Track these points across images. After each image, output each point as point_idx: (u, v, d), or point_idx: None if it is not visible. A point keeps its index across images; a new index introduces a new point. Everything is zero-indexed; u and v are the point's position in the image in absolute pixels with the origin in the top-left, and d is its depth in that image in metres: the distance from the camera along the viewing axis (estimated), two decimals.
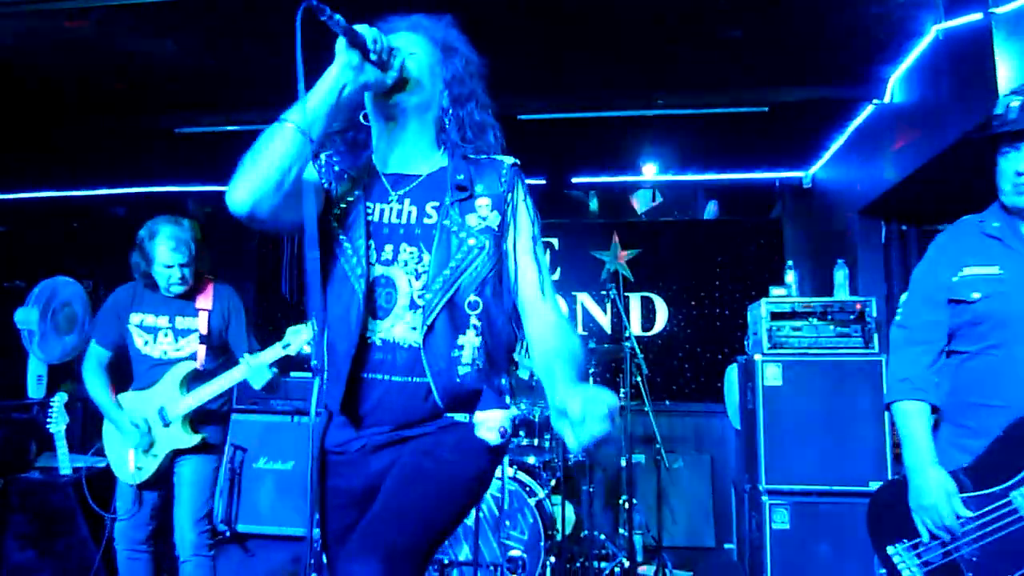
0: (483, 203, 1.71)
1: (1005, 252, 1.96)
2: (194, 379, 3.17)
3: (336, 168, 1.75)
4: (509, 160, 1.79)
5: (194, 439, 3.12)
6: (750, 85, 4.45)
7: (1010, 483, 1.87)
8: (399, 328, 1.64)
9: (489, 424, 1.66)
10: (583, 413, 1.32)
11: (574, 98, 4.63)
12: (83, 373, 3.28)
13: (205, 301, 3.24)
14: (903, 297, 2.23)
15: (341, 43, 1.53)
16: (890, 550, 2.06)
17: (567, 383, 1.48)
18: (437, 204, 1.69)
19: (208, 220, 6.43)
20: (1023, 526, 1.84)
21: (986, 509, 1.90)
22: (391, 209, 1.70)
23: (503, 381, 1.74)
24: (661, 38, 3.87)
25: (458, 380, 1.63)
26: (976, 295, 1.97)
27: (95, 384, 3.24)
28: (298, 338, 3.03)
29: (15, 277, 6.25)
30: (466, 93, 1.75)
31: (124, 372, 3.30)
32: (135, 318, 3.22)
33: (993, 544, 1.88)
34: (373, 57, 1.55)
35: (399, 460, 1.65)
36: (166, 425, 3.13)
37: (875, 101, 4.34)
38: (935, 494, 1.94)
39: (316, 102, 1.54)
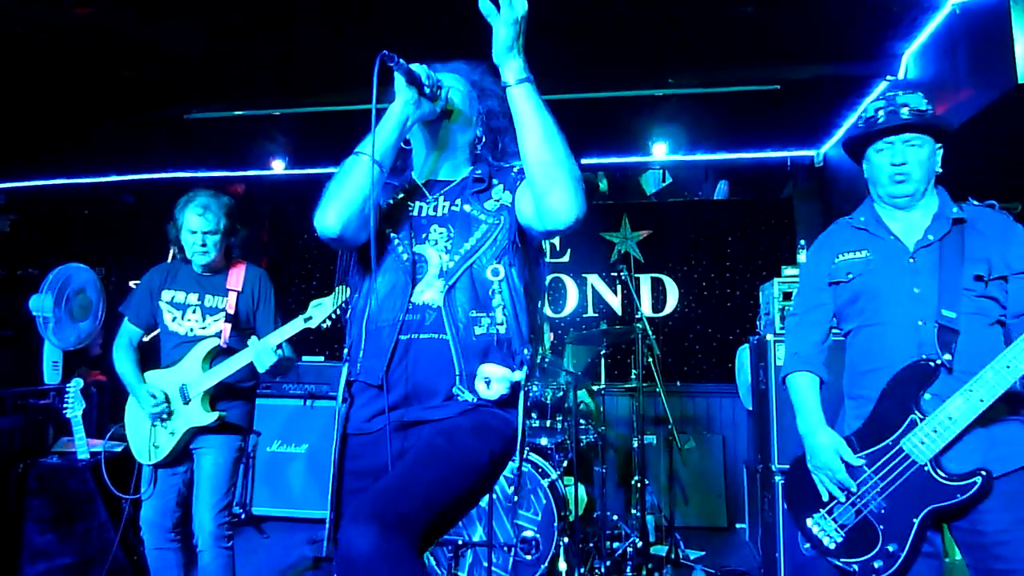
0: (498, 189, 1.93)
1: (870, 239, 2.25)
2: (217, 356, 3.17)
3: (384, 182, 1.96)
4: (519, 164, 1.91)
5: (211, 417, 3.11)
6: (761, 63, 4.40)
7: (898, 433, 2.07)
8: (428, 293, 1.81)
9: (485, 374, 1.76)
10: None
11: (584, 78, 4.59)
12: (113, 350, 3.29)
13: (236, 282, 3.25)
14: (794, 291, 2.55)
15: (401, 81, 1.81)
16: (808, 521, 2.24)
17: None
18: (461, 199, 1.93)
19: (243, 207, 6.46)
20: (916, 469, 2.03)
21: (882, 461, 2.09)
22: (428, 206, 1.95)
23: (524, 350, 1.83)
24: (672, 16, 3.83)
25: (474, 339, 1.77)
26: (850, 275, 2.24)
27: (123, 361, 3.25)
28: (320, 311, 3.03)
29: (28, 265, 6.30)
30: (499, 127, 1.99)
31: (152, 353, 3.32)
32: (166, 295, 3.24)
33: (895, 492, 2.06)
34: (427, 91, 1.82)
35: (417, 440, 1.72)
36: (186, 402, 3.12)
37: (888, 77, 4.29)
38: (826, 452, 2.16)
39: (385, 135, 1.81)
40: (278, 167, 6.05)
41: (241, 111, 4.86)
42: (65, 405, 3.59)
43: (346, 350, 1.88)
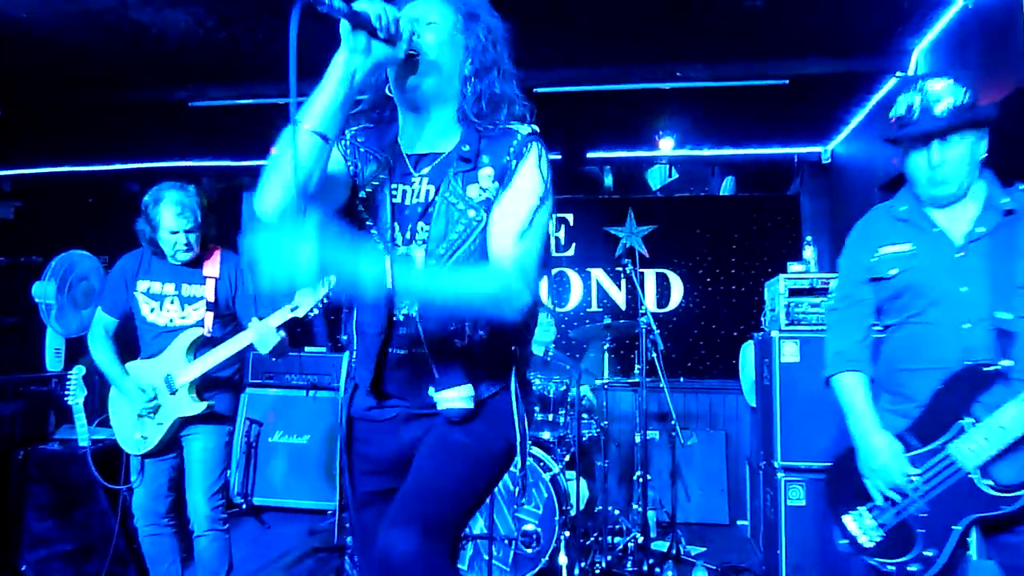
0: (485, 173, 1.65)
1: (914, 231, 2.13)
2: (202, 346, 3.13)
3: (362, 150, 1.73)
4: (525, 129, 1.69)
5: (200, 406, 3.09)
6: (770, 57, 4.37)
7: (945, 437, 2.00)
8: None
9: (448, 398, 1.63)
10: None
11: (592, 71, 4.57)
12: (89, 341, 3.25)
13: (212, 269, 3.20)
14: (833, 284, 2.43)
15: (345, 27, 1.47)
16: (847, 518, 2.19)
17: None
18: (446, 180, 1.67)
19: (223, 195, 6.45)
20: (961, 477, 1.96)
21: (927, 464, 2.02)
22: (412, 190, 1.69)
23: (512, 350, 1.73)
24: (681, 9, 3.80)
25: (455, 352, 1.64)
26: (893, 271, 2.13)
27: (101, 352, 3.22)
28: (306, 300, 2.98)
29: (31, 252, 6.29)
30: (487, 63, 1.68)
31: (131, 343, 3.28)
32: (142, 285, 3.18)
33: (938, 498, 2.00)
34: (381, 35, 1.49)
35: (431, 431, 1.68)
36: (172, 393, 3.09)
37: (898, 74, 4.25)
38: (883, 456, 2.06)
39: (327, 98, 1.49)
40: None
41: (247, 99, 4.83)
42: (66, 392, 3.58)
43: (344, 337, 1.78)
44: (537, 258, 1.65)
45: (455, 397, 1.62)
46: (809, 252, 4.63)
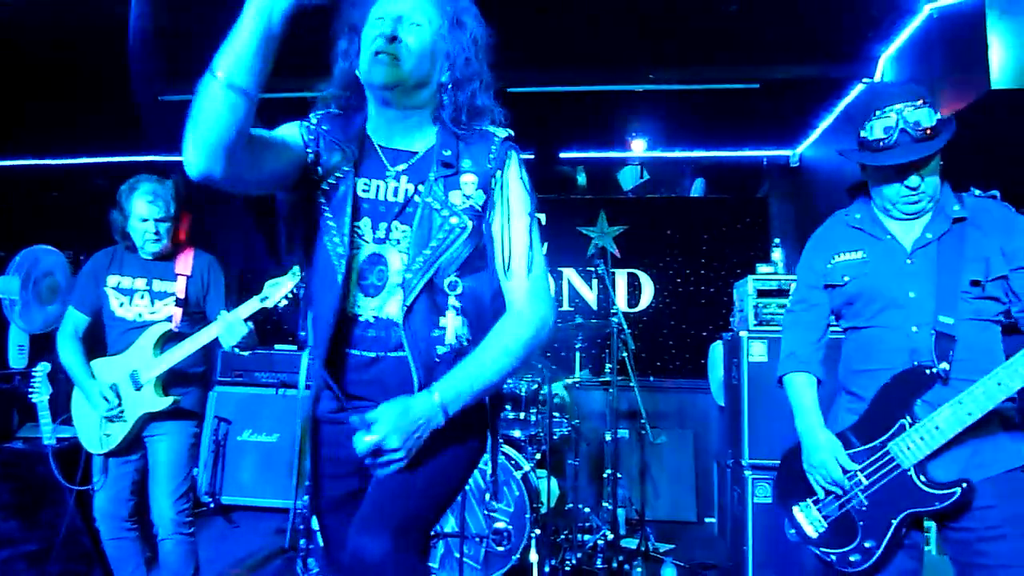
0: (468, 180, 1.64)
1: (867, 239, 2.20)
2: (168, 341, 3.10)
3: (327, 138, 1.68)
4: (502, 133, 1.70)
5: (165, 402, 3.05)
6: (742, 62, 4.43)
7: (887, 435, 2.08)
8: (392, 305, 1.62)
9: None
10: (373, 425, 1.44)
11: (566, 72, 4.59)
12: (57, 339, 3.20)
13: (184, 266, 3.18)
14: (792, 287, 2.51)
15: None
16: (795, 509, 2.28)
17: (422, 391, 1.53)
18: (425, 183, 1.64)
19: (192, 189, 6.37)
20: (900, 473, 2.05)
21: (869, 461, 2.11)
22: (387, 186, 1.65)
23: None
24: (654, 12, 3.84)
25: (437, 359, 1.60)
26: (846, 278, 2.21)
27: (68, 351, 3.17)
28: (276, 291, 2.94)
29: None
30: (469, 74, 1.65)
31: (100, 341, 3.24)
32: (112, 280, 3.15)
33: (878, 492, 2.09)
34: None
35: None
36: (137, 389, 3.05)
37: (865, 80, 4.34)
38: (823, 453, 2.17)
39: (241, 43, 1.37)
40: None
41: None
42: (31, 389, 3.52)
43: (302, 334, 1.73)
44: (546, 270, 1.69)
45: None
46: (777, 254, 4.70)
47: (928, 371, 2.03)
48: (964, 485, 1.96)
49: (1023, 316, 2.04)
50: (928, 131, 2.03)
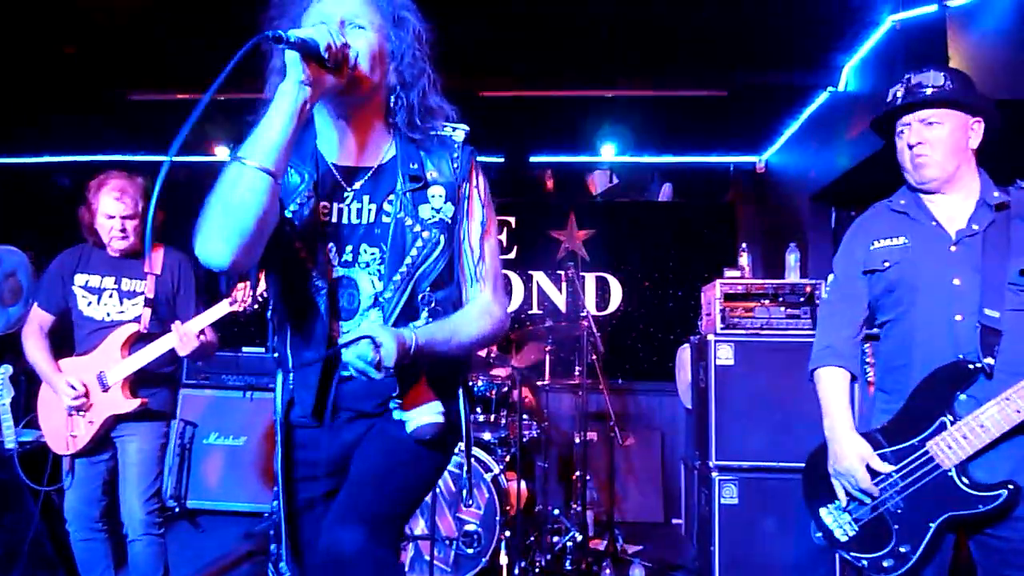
0: (436, 192, 1.63)
1: (911, 224, 2.12)
2: (137, 342, 3.07)
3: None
4: (460, 136, 1.69)
5: (132, 404, 3.02)
6: (709, 69, 4.50)
7: (925, 434, 1.98)
8: (366, 326, 1.59)
9: (417, 417, 1.63)
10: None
11: (537, 77, 4.63)
12: (23, 337, 3.15)
13: (154, 265, 3.14)
14: (830, 278, 2.43)
15: (293, 58, 1.38)
16: (823, 511, 2.17)
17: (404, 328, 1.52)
18: (392, 199, 1.61)
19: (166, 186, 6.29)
20: (940, 474, 1.95)
21: (906, 461, 2.01)
22: (348, 209, 1.62)
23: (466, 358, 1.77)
24: (624, 19, 3.89)
25: (418, 370, 1.61)
26: (887, 263, 2.11)
27: (34, 347, 3.12)
28: (244, 296, 2.93)
29: None
30: (416, 72, 1.60)
31: (68, 341, 3.19)
32: (80, 279, 3.11)
33: (915, 494, 1.98)
34: (329, 64, 1.41)
35: (373, 428, 1.66)
36: (105, 390, 3.02)
37: (830, 88, 4.44)
38: (850, 458, 2.06)
39: (276, 133, 1.39)
40: (221, 154, 5.91)
41: (185, 94, 4.73)
42: None
43: (276, 355, 1.70)
44: (502, 277, 1.72)
45: (425, 414, 1.60)
46: (744, 258, 4.77)
47: (972, 366, 1.93)
48: (1011, 487, 1.86)
49: None
50: (928, 90, 2.03)
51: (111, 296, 3.11)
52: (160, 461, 3.15)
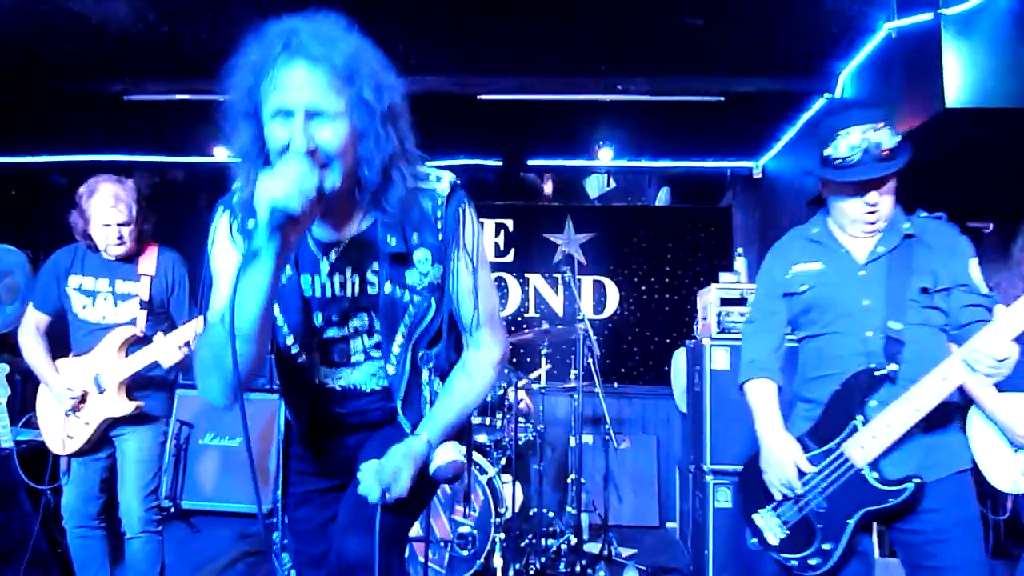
0: (421, 256, 1.57)
1: (825, 251, 2.31)
2: (133, 345, 3.07)
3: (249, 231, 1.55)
4: (444, 188, 1.59)
5: (128, 407, 3.03)
6: (707, 74, 4.52)
7: (841, 437, 2.16)
8: (358, 375, 1.69)
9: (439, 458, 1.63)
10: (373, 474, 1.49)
11: (535, 81, 4.64)
12: (19, 337, 3.16)
13: (148, 266, 3.13)
14: (751, 299, 2.50)
15: (268, 235, 1.33)
16: (755, 517, 2.34)
17: (407, 438, 1.57)
18: (376, 269, 1.58)
19: (156, 189, 6.29)
20: (854, 473, 2.12)
21: (825, 463, 2.18)
22: (330, 283, 1.59)
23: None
24: (623, 24, 3.91)
25: (422, 414, 1.66)
26: (804, 287, 2.30)
27: (31, 348, 3.12)
28: None
29: None
30: (390, 151, 1.47)
31: (64, 340, 3.19)
32: (74, 281, 3.10)
33: (834, 494, 2.15)
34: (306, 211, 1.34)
35: (377, 433, 1.71)
36: (101, 392, 3.03)
37: (826, 95, 4.46)
38: (779, 454, 2.23)
39: (255, 304, 1.37)
40: (220, 154, 5.91)
41: (185, 95, 4.74)
42: None
43: (276, 385, 1.76)
44: (498, 311, 1.73)
45: (445, 454, 1.59)
46: (740, 263, 4.80)
47: (877, 372, 2.11)
48: (916, 481, 2.03)
49: (956, 335, 2.14)
50: (888, 152, 2.13)
51: (105, 299, 3.11)
52: (159, 459, 3.17)
